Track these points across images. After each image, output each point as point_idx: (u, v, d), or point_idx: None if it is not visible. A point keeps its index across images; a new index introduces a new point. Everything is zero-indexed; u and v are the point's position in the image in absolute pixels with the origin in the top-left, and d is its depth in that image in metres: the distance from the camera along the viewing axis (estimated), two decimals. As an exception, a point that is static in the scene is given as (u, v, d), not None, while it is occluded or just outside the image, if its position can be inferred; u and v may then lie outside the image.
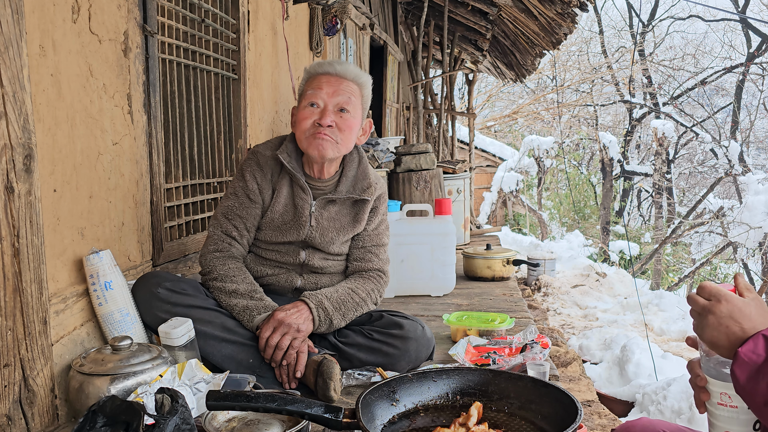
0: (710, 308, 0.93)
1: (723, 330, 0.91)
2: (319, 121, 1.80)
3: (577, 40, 15.32)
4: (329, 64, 1.86)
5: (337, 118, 1.82)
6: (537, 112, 16.43)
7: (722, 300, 0.93)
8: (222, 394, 1.21)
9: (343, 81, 1.84)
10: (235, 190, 1.88)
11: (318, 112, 1.81)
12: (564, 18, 5.29)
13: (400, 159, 4.43)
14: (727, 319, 0.91)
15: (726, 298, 0.93)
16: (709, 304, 0.94)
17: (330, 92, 1.81)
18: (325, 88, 1.81)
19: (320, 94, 1.81)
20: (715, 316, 0.92)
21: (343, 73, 1.84)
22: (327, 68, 1.85)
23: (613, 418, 2.44)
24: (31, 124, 1.38)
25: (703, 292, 0.96)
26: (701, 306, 0.95)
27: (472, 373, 1.32)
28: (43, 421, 1.46)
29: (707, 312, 0.94)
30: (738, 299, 0.93)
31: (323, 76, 1.84)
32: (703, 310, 0.94)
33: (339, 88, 1.82)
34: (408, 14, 7.33)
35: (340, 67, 1.85)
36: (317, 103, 1.81)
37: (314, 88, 1.82)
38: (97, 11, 1.69)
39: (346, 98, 1.82)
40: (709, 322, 0.93)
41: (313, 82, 1.84)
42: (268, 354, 1.73)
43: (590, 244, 11.34)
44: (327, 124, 1.79)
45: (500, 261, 3.51)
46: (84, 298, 1.67)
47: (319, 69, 1.85)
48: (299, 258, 1.91)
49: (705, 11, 14.55)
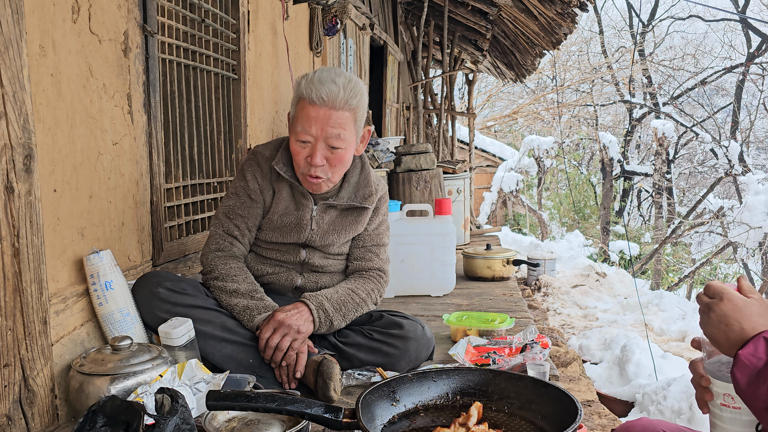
0: (712, 306, 0.95)
1: (722, 328, 0.93)
2: (311, 161, 1.73)
3: (577, 40, 15.32)
4: (318, 88, 1.69)
5: (329, 153, 1.75)
6: (537, 112, 16.43)
7: (724, 298, 0.94)
8: (222, 394, 1.21)
9: (332, 113, 1.70)
10: (237, 189, 1.88)
11: (309, 148, 1.73)
12: (564, 18, 5.29)
13: (400, 159, 4.43)
14: (727, 317, 0.92)
15: (728, 296, 0.94)
16: (712, 301, 0.95)
17: (319, 129, 1.70)
18: (314, 125, 1.70)
19: (310, 131, 1.71)
20: (716, 314, 0.94)
21: (332, 102, 1.69)
22: (315, 96, 1.68)
23: (613, 418, 2.44)
24: (31, 124, 1.38)
25: (709, 290, 0.97)
26: (705, 303, 0.96)
27: (472, 373, 1.32)
28: (43, 421, 1.46)
29: (709, 309, 0.95)
30: (740, 298, 0.93)
31: (311, 107, 1.70)
32: (706, 307, 0.96)
33: (327, 124, 1.70)
34: (408, 14, 7.33)
35: (330, 92, 1.68)
36: (308, 141, 1.73)
37: (303, 124, 1.71)
38: (97, 11, 1.69)
39: (336, 134, 1.71)
40: (710, 319, 0.95)
41: (302, 112, 1.71)
42: (267, 355, 1.73)
43: (590, 244, 11.34)
44: (318, 165, 1.73)
45: (500, 261, 3.51)
46: (84, 298, 1.67)
47: (310, 96, 1.69)
48: (299, 257, 1.91)
49: (705, 11, 14.55)
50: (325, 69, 1.77)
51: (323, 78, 1.71)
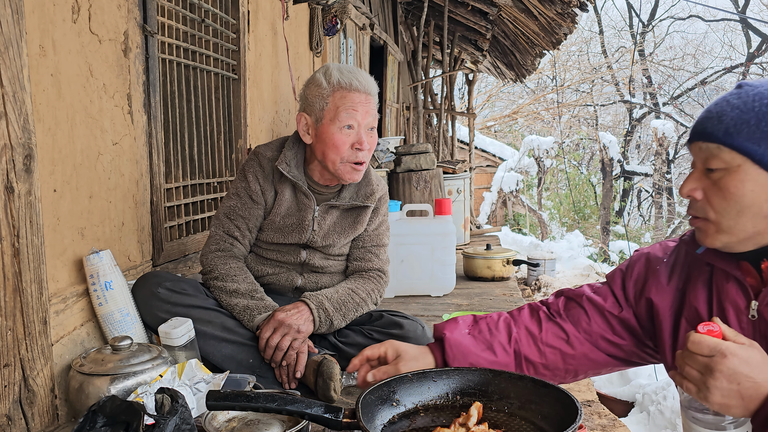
0: (714, 365, 0.83)
1: (735, 388, 0.82)
2: (359, 146, 1.77)
3: (577, 40, 15.33)
4: (356, 77, 1.77)
5: (368, 138, 1.80)
6: (537, 112, 16.44)
7: (727, 354, 0.83)
8: (222, 394, 1.21)
9: (371, 98, 1.79)
10: (238, 190, 1.87)
11: (354, 135, 1.77)
12: (564, 18, 5.29)
13: (400, 159, 4.43)
14: (737, 376, 0.82)
15: (730, 350, 0.83)
16: (712, 360, 0.84)
17: (363, 113, 1.77)
18: (360, 109, 1.75)
19: (356, 116, 1.75)
20: (723, 374, 0.83)
21: (369, 89, 1.79)
22: (356, 84, 1.76)
23: (613, 418, 2.43)
24: (31, 124, 1.38)
25: (701, 347, 0.85)
26: (702, 365, 0.85)
27: (472, 373, 1.32)
28: (43, 421, 1.46)
29: (710, 371, 0.84)
30: (741, 350, 0.84)
31: (355, 94, 1.76)
32: (705, 369, 0.84)
33: (369, 107, 1.78)
34: (408, 14, 7.33)
35: (365, 81, 1.78)
36: (353, 126, 1.77)
37: (348, 109, 1.75)
38: (97, 11, 1.69)
39: (373, 117, 1.80)
40: (716, 384, 0.83)
41: (345, 99, 1.75)
42: (268, 354, 1.73)
43: (590, 244, 11.34)
44: (366, 148, 1.78)
45: (500, 261, 3.51)
46: (84, 298, 1.67)
47: (350, 83, 1.76)
48: (300, 257, 1.91)
49: (705, 11, 14.56)
50: (341, 64, 1.86)
51: (350, 68, 1.81)
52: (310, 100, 1.80)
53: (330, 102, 1.76)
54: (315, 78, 1.80)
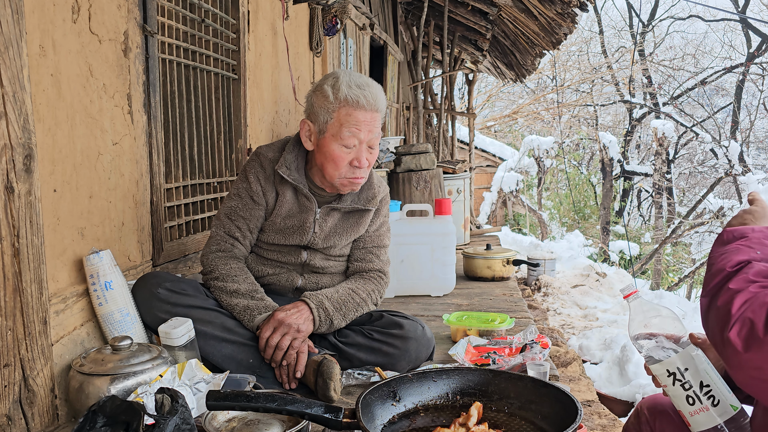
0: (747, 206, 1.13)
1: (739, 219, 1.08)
2: (358, 164, 1.76)
3: (577, 40, 15.33)
4: (364, 94, 1.73)
5: (368, 154, 1.79)
6: (537, 112, 16.43)
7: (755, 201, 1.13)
8: (222, 394, 1.21)
9: (377, 116, 1.77)
10: (239, 191, 1.87)
11: (354, 152, 1.76)
12: (564, 18, 5.29)
13: (400, 159, 4.43)
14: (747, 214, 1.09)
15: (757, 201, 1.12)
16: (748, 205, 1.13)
17: (367, 132, 1.75)
18: (363, 128, 1.74)
19: (359, 135, 1.74)
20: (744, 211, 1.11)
21: (376, 106, 1.76)
22: (363, 102, 1.72)
23: (613, 418, 2.44)
24: (31, 124, 1.38)
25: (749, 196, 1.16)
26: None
27: (472, 373, 1.32)
28: (43, 421, 1.46)
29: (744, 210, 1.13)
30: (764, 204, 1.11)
31: (360, 112, 1.73)
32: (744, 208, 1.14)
33: (373, 125, 1.76)
34: (408, 14, 7.33)
35: (373, 98, 1.74)
36: (354, 144, 1.75)
37: (352, 128, 1.73)
38: (97, 11, 1.69)
39: (376, 135, 1.78)
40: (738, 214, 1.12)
41: (350, 118, 1.72)
42: (268, 354, 1.73)
43: (590, 244, 11.34)
44: (365, 166, 1.78)
45: (500, 261, 3.51)
46: (84, 298, 1.67)
47: (356, 100, 1.72)
48: (300, 258, 1.91)
49: (705, 11, 14.56)
50: (351, 72, 1.79)
51: (360, 82, 1.75)
52: (315, 109, 1.78)
53: (335, 117, 1.74)
54: (323, 88, 1.77)
